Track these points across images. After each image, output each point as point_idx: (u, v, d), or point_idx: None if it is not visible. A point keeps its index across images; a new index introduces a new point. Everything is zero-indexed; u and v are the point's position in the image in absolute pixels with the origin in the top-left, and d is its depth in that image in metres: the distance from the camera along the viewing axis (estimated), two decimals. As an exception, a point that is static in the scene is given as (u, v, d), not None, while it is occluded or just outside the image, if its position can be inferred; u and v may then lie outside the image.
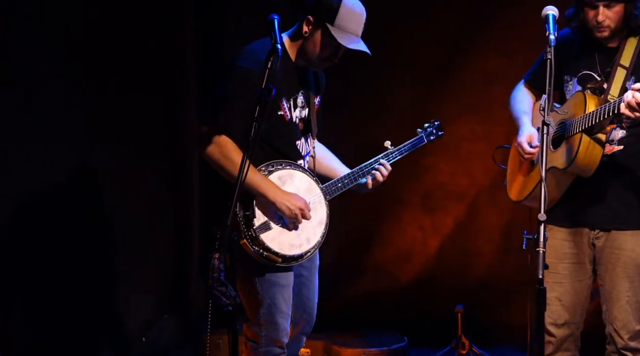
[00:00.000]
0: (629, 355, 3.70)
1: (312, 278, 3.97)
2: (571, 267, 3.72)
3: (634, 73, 3.58)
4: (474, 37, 5.58)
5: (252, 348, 3.78)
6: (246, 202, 3.57)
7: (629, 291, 3.67)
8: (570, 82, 3.74)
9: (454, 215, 5.85)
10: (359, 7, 3.62)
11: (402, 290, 5.96)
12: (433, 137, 4.15)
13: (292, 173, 3.69)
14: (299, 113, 3.76)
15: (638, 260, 3.66)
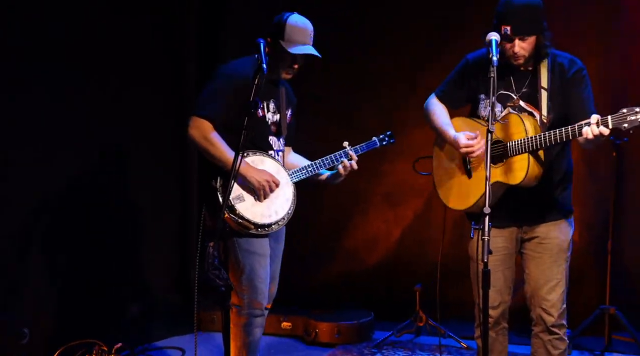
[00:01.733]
0: (556, 331, 3.68)
1: (277, 258, 4.04)
2: (502, 257, 3.69)
3: (551, 93, 3.56)
4: (432, 57, 5.59)
5: (237, 311, 3.84)
6: (223, 177, 3.70)
7: (558, 275, 3.66)
8: (487, 100, 3.65)
9: (412, 209, 5.86)
10: (302, 22, 3.78)
11: (369, 272, 5.96)
12: (385, 143, 4.23)
13: (262, 159, 3.81)
14: (272, 116, 3.89)
15: (562, 245, 3.66)
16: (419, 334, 5.41)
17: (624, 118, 3.16)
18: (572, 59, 3.61)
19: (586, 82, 3.57)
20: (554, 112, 3.56)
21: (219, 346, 4.97)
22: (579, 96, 3.53)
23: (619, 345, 5.08)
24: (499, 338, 3.81)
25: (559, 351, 3.70)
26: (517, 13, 3.44)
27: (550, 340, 3.69)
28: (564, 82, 3.56)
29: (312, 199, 5.60)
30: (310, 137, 5.01)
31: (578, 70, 3.57)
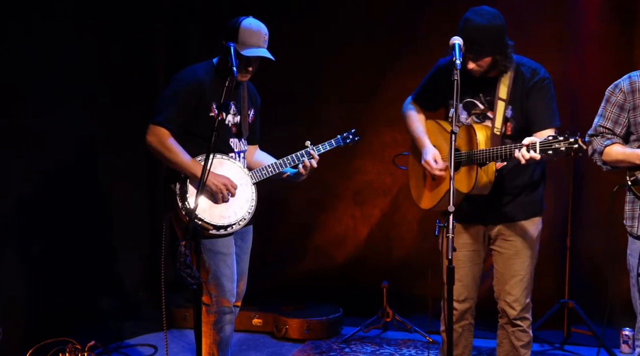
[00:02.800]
0: (519, 323, 3.77)
1: (244, 256, 4.06)
2: (469, 254, 3.76)
3: (512, 103, 3.60)
4: (394, 61, 5.65)
5: (206, 309, 3.87)
6: (182, 182, 3.72)
7: (522, 271, 3.74)
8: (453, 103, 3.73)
9: (380, 207, 5.90)
10: (256, 25, 3.79)
11: (337, 269, 5.97)
12: (349, 140, 4.21)
13: (221, 162, 3.82)
14: (232, 118, 3.89)
15: (527, 243, 3.73)
16: (386, 329, 5.45)
17: (550, 145, 3.21)
18: (535, 69, 3.64)
19: (547, 92, 3.60)
20: (514, 121, 3.61)
21: (191, 343, 4.98)
22: (537, 106, 3.57)
23: (578, 337, 5.18)
24: (465, 334, 3.87)
25: (522, 343, 3.79)
26: (472, 35, 3.45)
27: (513, 332, 3.78)
28: (525, 91, 3.60)
29: (281, 197, 5.66)
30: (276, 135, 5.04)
31: (540, 80, 3.60)
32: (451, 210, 3.07)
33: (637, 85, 3.51)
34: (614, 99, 3.57)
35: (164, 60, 5.84)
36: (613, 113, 3.56)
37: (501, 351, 3.86)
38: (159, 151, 3.74)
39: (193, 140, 3.75)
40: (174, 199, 3.76)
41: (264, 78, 4.04)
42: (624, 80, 3.57)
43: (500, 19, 3.54)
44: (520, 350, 3.78)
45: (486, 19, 3.48)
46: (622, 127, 3.56)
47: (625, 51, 5.22)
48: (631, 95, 3.52)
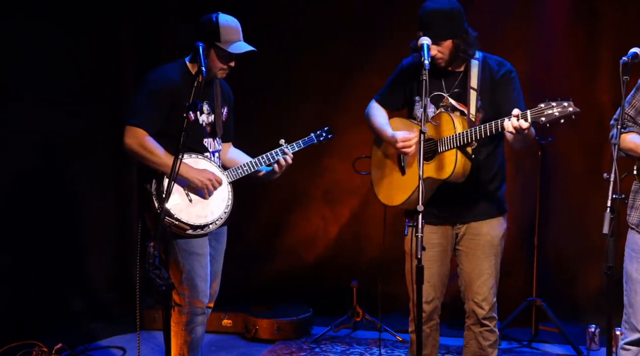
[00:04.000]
0: (487, 323, 3.78)
1: (218, 257, 4.04)
2: (437, 254, 3.75)
3: (481, 93, 3.63)
4: (361, 61, 5.66)
5: (178, 310, 3.85)
6: (158, 181, 3.69)
7: (488, 270, 3.75)
8: (421, 102, 3.67)
9: (349, 206, 5.90)
10: (233, 21, 3.79)
11: (307, 269, 5.96)
12: (322, 138, 4.23)
13: (197, 162, 3.81)
14: (206, 118, 3.88)
15: (493, 242, 3.75)
16: (356, 329, 5.46)
17: (542, 112, 3.25)
18: (501, 61, 3.71)
19: (515, 83, 3.66)
20: (483, 111, 3.64)
21: (160, 345, 4.94)
22: (507, 96, 3.61)
23: (545, 335, 5.24)
24: (432, 334, 3.87)
25: (489, 342, 3.80)
26: (430, 19, 3.51)
27: (481, 332, 3.79)
28: (493, 82, 3.64)
29: (252, 196, 5.63)
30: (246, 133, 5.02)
31: (507, 71, 3.66)
32: (420, 210, 3.07)
33: None
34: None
35: (132, 59, 5.77)
36: (638, 101, 3.52)
37: (468, 352, 3.86)
38: (139, 153, 3.70)
39: (168, 141, 3.69)
40: (149, 200, 3.72)
41: (233, 76, 4.01)
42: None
43: (455, 4, 3.59)
44: (487, 349, 3.79)
45: (441, 3, 3.55)
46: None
47: (591, 52, 5.29)
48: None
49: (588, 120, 5.07)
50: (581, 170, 5.32)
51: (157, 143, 3.71)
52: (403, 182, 3.77)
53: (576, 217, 5.36)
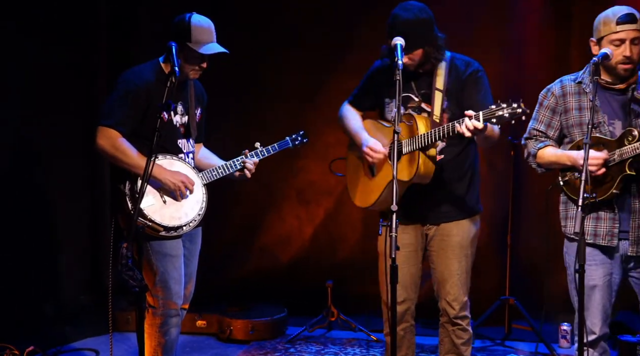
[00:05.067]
0: (459, 321, 3.80)
1: (193, 258, 4.02)
2: (408, 254, 3.76)
3: (448, 94, 3.65)
4: (335, 63, 5.67)
5: (152, 312, 3.83)
6: (132, 182, 3.66)
7: (459, 270, 3.77)
8: (391, 103, 3.77)
9: (324, 207, 5.92)
10: (206, 22, 3.77)
11: (282, 269, 5.98)
12: (297, 142, 4.24)
13: (172, 163, 3.79)
14: (180, 119, 3.87)
15: (462, 243, 3.77)
16: (331, 328, 5.47)
17: (492, 113, 3.27)
18: (468, 61, 3.73)
19: (482, 83, 3.68)
20: (450, 112, 3.66)
21: (134, 347, 4.90)
22: (474, 96, 3.63)
23: (518, 333, 5.29)
24: (407, 336, 3.88)
25: (462, 340, 3.82)
26: (401, 29, 3.50)
27: (454, 330, 3.81)
28: (460, 83, 3.67)
29: (227, 197, 5.62)
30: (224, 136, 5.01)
31: (474, 71, 3.69)
32: (394, 209, 3.08)
33: (568, 89, 3.59)
34: (546, 103, 3.64)
35: (105, 60, 5.73)
36: (546, 116, 3.64)
37: (442, 350, 3.89)
38: (112, 154, 3.67)
39: (142, 142, 3.67)
40: (123, 200, 3.69)
41: (208, 77, 4.00)
42: (555, 85, 3.65)
43: (427, 12, 3.61)
44: (460, 347, 3.82)
45: (413, 13, 3.56)
46: (555, 129, 3.63)
47: (562, 53, 5.35)
48: (562, 98, 3.59)
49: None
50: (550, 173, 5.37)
51: (131, 144, 3.68)
52: (372, 184, 3.79)
53: (546, 217, 5.40)
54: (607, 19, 3.44)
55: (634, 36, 3.37)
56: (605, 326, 3.55)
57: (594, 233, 3.50)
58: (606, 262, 3.52)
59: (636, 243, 3.45)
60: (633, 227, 3.45)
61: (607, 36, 3.40)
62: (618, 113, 3.48)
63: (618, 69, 3.41)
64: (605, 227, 3.48)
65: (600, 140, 3.44)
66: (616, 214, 3.46)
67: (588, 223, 3.50)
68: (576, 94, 3.56)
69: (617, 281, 3.55)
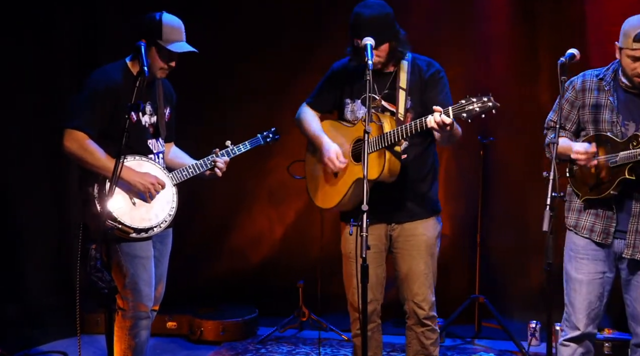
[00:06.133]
0: (428, 322, 3.80)
1: (163, 259, 4.00)
2: (373, 255, 3.67)
3: (410, 93, 3.68)
4: (305, 61, 5.67)
5: (122, 314, 3.79)
6: (100, 184, 3.64)
7: (425, 270, 3.77)
8: (352, 103, 3.78)
9: (295, 207, 5.90)
10: (176, 21, 3.77)
11: (253, 270, 5.95)
12: (269, 139, 4.24)
13: (141, 164, 3.76)
14: (148, 119, 3.84)
15: (428, 242, 3.78)
16: (302, 329, 5.48)
17: (463, 108, 3.31)
18: (430, 62, 3.77)
19: (444, 83, 3.72)
20: (414, 111, 3.68)
21: (102, 349, 4.85)
22: (436, 96, 3.66)
23: (488, 331, 5.33)
24: (374, 336, 3.88)
25: (431, 341, 3.83)
26: (365, 26, 3.55)
27: (422, 332, 3.81)
28: (422, 82, 3.70)
29: (197, 197, 5.60)
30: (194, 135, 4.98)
31: (435, 71, 3.73)
32: (365, 209, 3.09)
33: (588, 85, 3.59)
34: (566, 95, 3.63)
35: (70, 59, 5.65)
36: (564, 109, 3.63)
37: (410, 352, 3.88)
38: (80, 156, 3.64)
39: (110, 143, 3.63)
40: (91, 202, 3.66)
41: (178, 76, 3.98)
42: (577, 78, 3.64)
43: (387, 7, 3.66)
44: (430, 348, 3.82)
45: (376, 10, 3.61)
46: (572, 123, 3.64)
47: (531, 53, 5.40)
48: (582, 93, 3.59)
49: (528, 119, 5.20)
50: (522, 169, 5.43)
51: (99, 145, 3.65)
52: (335, 185, 3.78)
53: (517, 215, 5.47)
54: (627, 31, 3.40)
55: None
56: (593, 326, 3.58)
57: (590, 229, 3.54)
58: (598, 259, 3.55)
59: (632, 246, 3.47)
60: (631, 230, 3.47)
61: (624, 50, 3.41)
62: (634, 115, 3.48)
63: (633, 79, 3.43)
64: (602, 225, 3.52)
65: (609, 139, 3.47)
66: (614, 214, 3.50)
67: (586, 218, 3.55)
68: (595, 90, 3.56)
69: (609, 281, 3.57)
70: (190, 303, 5.56)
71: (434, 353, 3.84)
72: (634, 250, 3.47)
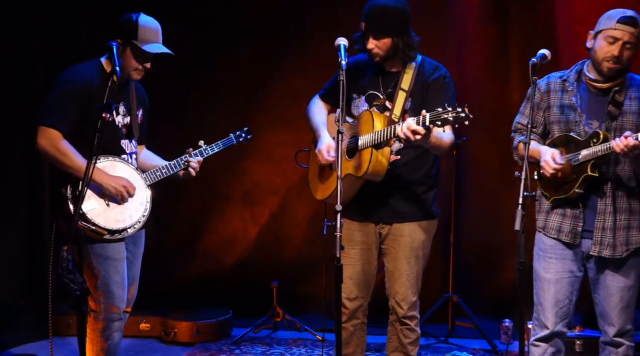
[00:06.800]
0: (407, 321, 3.83)
1: (136, 261, 3.97)
2: (361, 251, 3.78)
3: (412, 95, 3.68)
4: (281, 62, 5.68)
5: (94, 316, 3.76)
6: (73, 185, 3.60)
7: (408, 271, 3.79)
8: (358, 99, 3.81)
9: (269, 207, 5.90)
10: (153, 22, 3.76)
11: (227, 271, 5.94)
12: (242, 138, 4.23)
13: (114, 164, 3.74)
14: (122, 119, 3.82)
15: (413, 244, 3.79)
16: (276, 329, 5.47)
17: (438, 116, 3.32)
18: (437, 65, 3.78)
19: (448, 89, 3.72)
20: (412, 114, 3.66)
21: (74, 352, 4.80)
22: (438, 100, 3.63)
23: (461, 330, 5.37)
24: (357, 333, 3.89)
25: (409, 340, 3.85)
26: (374, 12, 3.58)
27: (401, 330, 3.84)
28: (425, 85, 3.70)
29: (171, 198, 5.57)
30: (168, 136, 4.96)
31: (441, 76, 3.73)
32: (339, 209, 3.10)
33: (553, 86, 3.63)
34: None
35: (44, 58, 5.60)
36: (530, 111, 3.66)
37: (390, 347, 3.91)
38: (52, 155, 3.61)
39: (84, 142, 3.57)
40: (64, 203, 3.62)
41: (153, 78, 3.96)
42: (542, 81, 3.68)
43: (403, 3, 3.67)
44: (407, 346, 3.85)
45: (391, 1, 3.61)
46: (539, 124, 3.68)
47: (502, 50, 5.45)
48: (547, 95, 3.63)
49: (500, 119, 5.20)
50: (495, 168, 5.47)
51: (72, 145, 3.62)
52: (329, 178, 3.81)
53: (490, 215, 5.51)
54: (610, 15, 3.45)
55: (628, 39, 3.39)
56: (562, 324, 3.61)
57: (558, 229, 3.57)
58: (567, 258, 3.58)
59: (599, 243, 3.50)
60: (597, 227, 3.50)
61: (605, 30, 3.42)
62: (597, 114, 3.52)
63: (603, 65, 3.44)
64: (570, 225, 3.55)
65: (572, 139, 3.51)
66: (581, 212, 3.53)
67: (554, 219, 3.58)
68: (559, 91, 3.60)
69: (578, 280, 3.61)
70: (163, 305, 5.53)
71: (412, 352, 3.86)
72: (600, 247, 3.51)
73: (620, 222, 3.49)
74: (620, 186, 3.50)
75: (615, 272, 3.54)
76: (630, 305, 3.57)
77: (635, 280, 3.56)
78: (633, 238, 3.52)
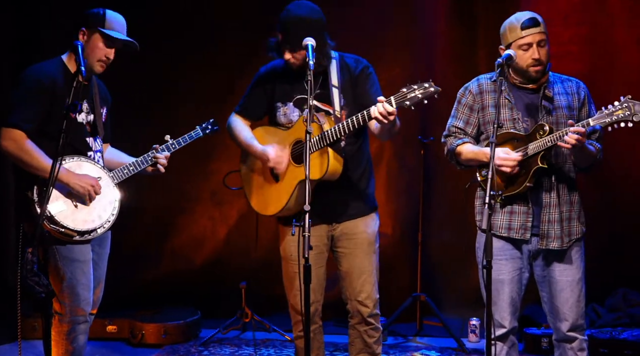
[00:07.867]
0: (372, 320, 3.81)
1: (102, 262, 3.93)
2: (314, 256, 3.64)
3: (343, 92, 3.69)
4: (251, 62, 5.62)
5: (59, 318, 3.72)
6: (39, 186, 3.56)
7: (369, 267, 3.78)
8: (284, 107, 3.77)
9: (237, 207, 5.89)
10: (119, 16, 3.77)
11: (196, 271, 5.93)
12: (208, 131, 4.19)
13: (80, 164, 3.70)
14: (85, 117, 3.78)
15: (370, 239, 3.80)
16: (245, 330, 5.46)
17: (405, 96, 3.35)
18: (357, 58, 3.79)
19: (373, 78, 3.74)
20: (347, 108, 3.70)
21: (40, 354, 4.77)
22: (367, 92, 3.68)
23: (430, 329, 5.41)
24: (317, 337, 3.89)
25: (374, 339, 3.85)
26: (291, 26, 3.56)
27: (366, 330, 3.83)
28: (352, 79, 3.72)
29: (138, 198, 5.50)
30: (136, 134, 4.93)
31: (364, 67, 3.75)
32: (307, 209, 3.10)
33: (485, 87, 3.70)
34: (464, 101, 3.74)
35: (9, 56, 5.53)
36: (464, 113, 3.73)
37: (354, 350, 3.89)
38: (17, 156, 3.56)
39: (48, 142, 3.56)
40: (31, 206, 3.57)
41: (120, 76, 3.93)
42: (472, 83, 3.76)
43: (319, 13, 3.64)
44: (373, 346, 3.85)
45: (304, 11, 3.60)
46: (473, 126, 3.73)
47: (470, 52, 5.51)
48: (479, 96, 3.70)
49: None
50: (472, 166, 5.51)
51: (37, 145, 3.58)
52: (277, 190, 3.77)
53: (457, 214, 5.55)
54: (511, 25, 3.55)
55: (540, 39, 3.49)
56: (515, 320, 3.66)
57: (508, 227, 3.61)
58: (516, 257, 3.63)
59: (545, 236, 3.57)
60: (543, 220, 3.57)
61: (515, 42, 3.52)
62: (531, 110, 3.59)
63: (529, 71, 3.53)
64: (519, 221, 3.59)
65: (515, 135, 3.56)
66: (530, 208, 3.57)
67: (502, 217, 3.61)
68: (492, 92, 3.66)
69: (526, 276, 3.67)
70: (130, 306, 5.50)
71: (377, 351, 3.87)
72: (547, 240, 3.57)
73: (563, 213, 3.57)
74: (562, 179, 3.59)
75: (562, 267, 3.61)
76: (581, 299, 3.63)
77: (582, 273, 3.64)
78: (574, 229, 3.61)
